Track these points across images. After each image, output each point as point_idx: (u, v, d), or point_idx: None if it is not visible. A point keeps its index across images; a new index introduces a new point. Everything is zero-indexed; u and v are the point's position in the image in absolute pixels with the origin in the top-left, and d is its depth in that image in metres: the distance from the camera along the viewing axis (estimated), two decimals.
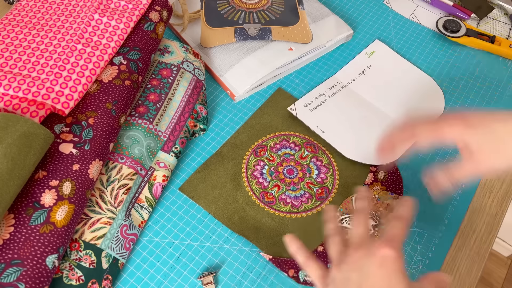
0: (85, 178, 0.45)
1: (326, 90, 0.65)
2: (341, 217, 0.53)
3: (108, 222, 0.48)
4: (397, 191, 0.56)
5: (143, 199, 0.51)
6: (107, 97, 0.50)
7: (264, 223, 0.53)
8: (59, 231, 0.42)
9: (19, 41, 0.52)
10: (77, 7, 0.56)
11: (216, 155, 0.58)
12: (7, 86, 0.47)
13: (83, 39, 0.53)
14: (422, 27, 0.74)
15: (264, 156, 0.58)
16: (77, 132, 0.47)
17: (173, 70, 0.58)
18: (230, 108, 0.63)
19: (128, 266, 0.49)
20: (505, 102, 0.66)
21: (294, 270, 0.50)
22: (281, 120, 0.61)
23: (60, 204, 0.43)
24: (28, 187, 0.43)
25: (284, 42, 0.67)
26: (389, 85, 0.66)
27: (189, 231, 0.52)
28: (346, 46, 0.71)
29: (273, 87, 0.65)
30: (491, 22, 0.76)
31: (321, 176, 0.57)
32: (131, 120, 0.54)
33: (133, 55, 0.54)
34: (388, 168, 0.57)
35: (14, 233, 0.41)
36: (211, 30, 0.66)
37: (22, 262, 0.40)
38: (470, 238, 0.54)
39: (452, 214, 0.55)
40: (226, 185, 0.55)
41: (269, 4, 0.70)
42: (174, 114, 0.56)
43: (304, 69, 0.68)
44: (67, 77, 0.49)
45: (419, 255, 0.52)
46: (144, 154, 0.52)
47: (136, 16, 0.55)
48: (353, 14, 0.76)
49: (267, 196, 0.55)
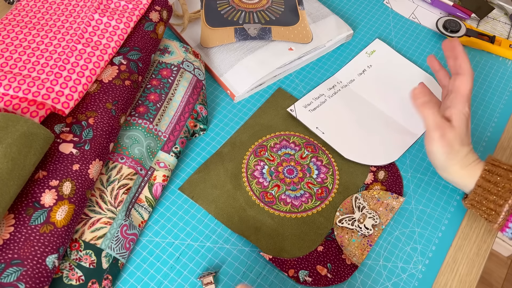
0: (85, 178, 0.46)
1: (326, 90, 0.65)
2: (341, 217, 0.53)
3: (108, 222, 0.48)
4: (397, 191, 0.56)
5: (143, 199, 0.51)
6: (107, 97, 0.50)
7: (264, 223, 0.53)
8: (59, 231, 0.42)
9: (19, 41, 0.52)
10: (77, 7, 0.56)
11: (216, 155, 0.58)
12: (7, 86, 0.47)
13: (83, 39, 0.53)
14: (422, 27, 0.74)
15: (264, 156, 0.58)
16: (77, 132, 0.47)
17: (173, 70, 0.58)
18: (230, 108, 0.63)
19: (128, 266, 0.49)
20: (505, 102, 0.66)
21: (294, 270, 0.50)
22: (281, 120, 0.61)
23: (60, 204, 0.43)
24: (28, 187, 0.44)
25: (284, 42, 0.67)
26: (390, 85, 0.66)
27: (189, 231, 0.52)
28: (346, 46, 0.71)
29: (273, 87, 0.65)
30: (491, 22, 0.76)
31: (321, 176, 0.57)
32: (131, 120, 0.54)
33: (133, 55, 0.54)
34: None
35: (14, 233, 0.41)
36: (211, 30, 0.67)
37: (22, 262, 0.40)
38: (470, 238, 0.54)
39: (452, 214, 0.55)
40: (226, 185, 0.55)
41: (269, 4, 0.70)
42: (174, 114, 0.56)
43: (304, 69, 0.68)
44: (67, 77, 0.49)
45: (419, 255, 0.52)
46: (144, 154, 0.52)
47: (136, 16, 0.55)
48: (353, 14, 0.76)
49: (267, 196, 0.55)
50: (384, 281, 0.50)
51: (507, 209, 0.47)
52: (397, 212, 0.55)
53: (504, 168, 0.48)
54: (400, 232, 0.53)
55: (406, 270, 0.51)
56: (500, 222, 0.48)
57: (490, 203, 0.48)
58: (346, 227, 0.53)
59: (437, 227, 0.54)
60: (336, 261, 0.50)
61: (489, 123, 0.63)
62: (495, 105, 0.65)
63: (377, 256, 0.51)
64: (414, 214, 0.55)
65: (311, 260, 0.51)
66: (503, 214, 0.47)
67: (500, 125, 0.63)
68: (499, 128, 0.63)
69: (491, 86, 0.67)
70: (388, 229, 0.53)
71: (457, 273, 0.51)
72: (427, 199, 0.56)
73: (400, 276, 0.50)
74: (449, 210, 0.55)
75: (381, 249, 0.52)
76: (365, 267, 0.51)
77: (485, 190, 0.48)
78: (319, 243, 0.52)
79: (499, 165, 0.49)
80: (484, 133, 0.62)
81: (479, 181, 0.49)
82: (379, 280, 0.50)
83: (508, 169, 0.48)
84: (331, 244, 0.52)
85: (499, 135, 0.62)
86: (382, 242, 0.52)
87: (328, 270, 0.50)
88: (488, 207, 0.48)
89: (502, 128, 0.63)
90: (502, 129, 0.63)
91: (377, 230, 0.53)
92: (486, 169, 0.49)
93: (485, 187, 0.48)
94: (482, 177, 0.49)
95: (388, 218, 0.53)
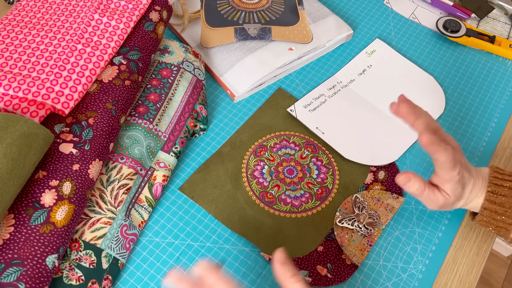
0: (85, 178, 0.45)
1: (326, 90, 0.65)
2: (341, 217, 0.53)
3: (108, 222, 0.48)
4: (397, 191, 0.56)
5: (143, 199, 0.51)
6: (107, 97, 0.50)
7: (264, 223, 0.53)
8: (59, 231, 0.42)
9: (19, 41, 0.52)
10: (77, 7, 0.56)
11: (216, 155, 0.58)
12: (7, 86, 0.47)
13: (83, 39, 0.53)
14: (422, 27, 0.74)
15: (264, 156, 0.58)
16: (77, 132, 0.47)
17: (173, 70, 0.58)
18: (230, 108, 0.63)
19: (128, 266, 0.49)
20: (505, 102, 0.66)
21: None
22: (281, 120, 0.61)
23: (60, 204, 0.43)
24: (28, 187, 0.44)
25: (284, 42, 0.67)
26: (390, 84, 0.66)
27: (189, 231, 0.52)
28: (346, 46, 0.71)
29: (273, 87, 0.65)
30: (491, 22, 0.76)
31: (321, 176, 0.57)
32: (131, 120, 0.54)
33: (133, 55, 0.54)
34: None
35: (14, 233, 0.41)
36: (211, 30, 0.66)
37: (22, 262, 0.40)
38: (470, 238, 0.54)
39: (452, 214, 0.55)
40: (226, 185, 0.55)
41: (269, 4, 0.70)
42: (174, 114, 0.56)
43: (304, 69, 0.68)
44: (67, 77, 0.49)
45: (419, 255, 0.52)
46: (144, 154, 0.52)
47: (136, 16, 0.55)
48: (353, 14, 0.76)
49: (267, 196, 0.55)
50: (384, 281, 0.50)
51: None
52: (397, 212, 0.55)
53: (507, 186, 0.47)
54: (400, 232, 0.53)
55: (406, 270, 0.51)
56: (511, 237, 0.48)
57: (499, 222, 0.47)
58: (346, 227, 0.53)
59: (437, 227, 0.54)
60: (336, 261, 0.50)
61: (489, 123, 0.63)
62: (495, 105, 0.65)
63: (377, 256, 0.51)
64: (414, 214, 0.55)
65: (311, 260, 0.51)
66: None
67: (500, 125, 0.63)
68: (499, 128, 0.63)
69: (491, 86, 0.67)
70: (388, 229, 0.53)
71: (457, 273, 0.51)
72: None
73: (400, 276, 0.50)
74: (449, 210, 0.55)
75: (381, 249, 0.52)
76: (365, 267, 0.51)
77: (492, 211, 0.47)
78: (319, 243, 0.52)
79: (502, 184, 0.47)
80: (484, 133, 0.62)
81: (485, 204, 0.47)
82: (379, 280, 0.50)
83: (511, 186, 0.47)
84: (331, 244, 0.52)
85: (499, 135, 0.62)
86: (382, 242, 0.52)
87: (328, 270, 0.50)
88: (497, 226, 0.48)
89: (502, 128, 0.63)
90: (502, 129, 0.63)
91: (377, 230, 0.53)
92: (490, 190, 0.47)
93: (491, 209, 0.47)
94: (486, 199, 0.47)
95: (388, 218, 0.53)
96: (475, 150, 0.60)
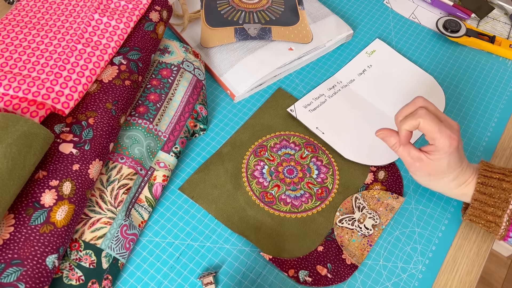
0: (85, 178, 0.45)
1: (326, 90, 0.65)
2: (341, 217, 0.53)
3: (108, 222, 0.48)
4: (397, 191, 0.56)
5: (143, 199, 0.51)
6: (107, 97, 0.50)
7: (264, 223, 0.53)
8: (59, 231, 0.42)
9: (19, 41, 0.52)
10: (77, 7, 0.56)
11: (216, 155, 0.58)
12: (7, 86, 0.47)
13: (83, 39, 0.53)
14: (422, 27, 0.74)
15: (264, 156, 0.58)
16: (77, 132, 0.47)
17: (173, 70, 0.58)
18: (230, 108, 0.63)
19: (128, 266, 0.49)
20: (505, 102, 0.66)
21: (294, 270, 0.50)
22: (281, 120, 0.61)
23: (60, 204, 0.43)
24: (28, 187, 0.43)
25: (284, 42, 0.67)
26: (390, 84, 0.66)
27: (189, 231, 0.52)
28: (346, 46, 0.71)
29: (273, 87, 0.65)
30: (491, 22, 0.76)
31: (321, 176, 0.57)
32: (131, 120, 0.54)
33: (133, 55, 0.54)
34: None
35: (14, 233, 0.41)
36: (211, 30, 0.67)
37: (22, 262, 0.40)
38: (470, 238, 0.54)
39: (452, 214, 0.55)
40: (226, 185, 0.55)
41: (269, 4, 0.70)
42: (174, 114, 0.56)
43: (304, 69, 0.68)
44: (67, 77, 0.49)
45: (419, 255, 0.52)
46: (144, 154, 0.52)
47: (136, 16, 0.55)
48: (353, 14, 0.76)
49: (267, 196, 0.55)
50: (384, 281, 0.50)
51: (506, 219, 0.47)
52: (397, 212, 0.55)
53: (496, 178, 0.48)
54: (400, 232, 0.53)
55: (406, 270, 0.51)
56: (502, 233, 0.48)
57: (489, 215, 0.48)
58: (346, 227, 0.53)
59: (437, 227, 0.54)
60: (336, 261, 0.50)
61: (489, 123, 0.63)
62: (495, 105, 0.65)
63: (377, 256, 0.51)
64: (414, 214, 0.55)
65: (311, 260, 0.51)
66: (503, 225, 0.47)
67: (500, 125, 0.63)
68: (499, 128, 0.63)
69: (491, 86, 0.67)
70: (388, 229, 0.53)
71: (457, 273, 0.51)
72: (427, 199, 0.56)
73: (400, 276, 0.50)
74: (449, 210, 0.55)
75: (381, 249, 0.52)
76: (365, 267, 0.51)
77: (482, 203, 0.48)
78: (319, 243, 0.52)
79: (491, 176, 0.48)
80: (484, 133, 0.62)
81: (475, 195, 0.48)
82: (379, 280, 0.50)
83: (500, 178, 0.48)
84: (331, 244, 0.52)
85: (499, 135, 0.62)
86: (382, 242, 0.52)
87: (328, 270, 0.50)
88: (488, 220, 0.48)
89: (502, 128, 0.63)
90: (502, 129, 0.63)
91: (377, 230, 0.53)
92: (479, 181, 0.48)
93: (482, 200, 0.48)
94: (476, 190, 0.48)
95: (388, 218, 0.53)
96: (475, 150, 0.60)
